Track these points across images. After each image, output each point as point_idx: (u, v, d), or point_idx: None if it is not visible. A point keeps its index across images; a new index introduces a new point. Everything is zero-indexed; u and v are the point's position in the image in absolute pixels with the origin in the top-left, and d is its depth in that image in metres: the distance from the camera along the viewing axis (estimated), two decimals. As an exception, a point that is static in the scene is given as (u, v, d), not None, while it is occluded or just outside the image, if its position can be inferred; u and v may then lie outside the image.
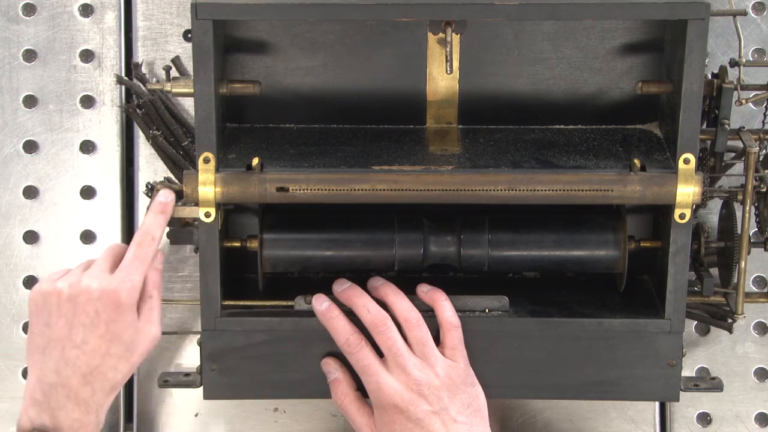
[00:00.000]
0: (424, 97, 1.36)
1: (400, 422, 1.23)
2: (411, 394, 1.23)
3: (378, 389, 1.24)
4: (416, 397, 1.23)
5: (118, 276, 1.21)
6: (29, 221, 1.44)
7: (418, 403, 1.23)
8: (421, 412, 1.23)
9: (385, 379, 1.24)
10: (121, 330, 1.21)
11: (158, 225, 1.26)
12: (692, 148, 1.24)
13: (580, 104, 1.36)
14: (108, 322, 1.20)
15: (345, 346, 1.26)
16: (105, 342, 1.20)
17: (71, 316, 1.20)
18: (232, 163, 1.27)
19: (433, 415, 1.23)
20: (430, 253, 1.33)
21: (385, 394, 1.24)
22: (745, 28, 1.36)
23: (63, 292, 1.21)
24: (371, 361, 1.25)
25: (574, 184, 1.24)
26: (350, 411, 1.27)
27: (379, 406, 1.25)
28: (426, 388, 1.23)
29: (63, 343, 1.20)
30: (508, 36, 1.33)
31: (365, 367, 1.25)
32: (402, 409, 1.23)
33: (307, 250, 1.33)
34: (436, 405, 1.23)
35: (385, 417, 1.24)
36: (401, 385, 1.24)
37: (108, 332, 1.20)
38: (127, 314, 1.21)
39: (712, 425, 1.45)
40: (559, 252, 1.33)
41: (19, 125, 1.43)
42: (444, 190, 1.25)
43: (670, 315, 1.29)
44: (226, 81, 1.31)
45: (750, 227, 1.31)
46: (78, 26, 1.42)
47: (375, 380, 1.24)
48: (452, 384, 1.25)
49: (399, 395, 1.23)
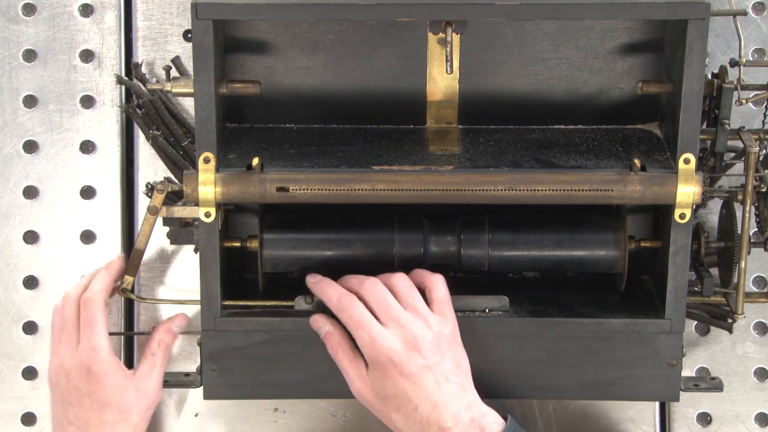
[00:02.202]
0: (424, 97, 1.36)
1: (393, 377, 1.22)
2: (406, 347, 1.22)
3: (372, 343, 1.22)
4: (411, 351, 1.22)
5: (81, 347, 1.28)
6: (29, 221, 1.44)
7: (413, 356, 1.22)
8: (415, 366, 1.21)
9: (379, 331, 1.23)
10: (107, 396, 1.27)
11: (100, 284, 1.31)
12: (692, 148, 1.24)
13: (580, 104, 1.36)
14: (90, 394, 1.27)
15: (338, 304, 1.25)
16: (95, 412, 1.27)
17: (60, 398, 1.30)
18: (232, 163, 1.27)
19: (426, 371, 1.22)
20: (430, 253, 1.33)
21: (379, 347, 1.22)
22: (745, 28, 1.36)
23: (51, 379, 1.31)
24: (364, 315, 1.24)
25: (574, 184, 1.24)
26: (343, 363, 1.26)
27: (373, 360, 1.23)
28: (421, 341, 1.22)
29: (62, 424, 1.30)
30: (508, 36, 1.34)
31: (358, 321, 1.23)
32: (396, 362, 1.21)
33: (307, 250, 1.33)
34: (431, 359, 1.22)
35: (378, 372, 1.22)
36: (396, 338, 1.22)
37: (94, 403, 1.27)
38: (105, 379, 1.27)
39: (712, 425, 1.45)
40: (559, 252, 1.33)
41: (19, 125, 1.43)
42: (444, 190, 1.25)
43: (670, 315, 1.29)
44: (226, 81, 1.31)
45: (750, 227, 1.31)
46: (78, 26, 1.42)
47: (368, 333, 1.23)
48: (444, 339, 1.24)
49: (394, 348, 1.22)
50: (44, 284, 1.44)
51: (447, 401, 1.22)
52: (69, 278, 1.43)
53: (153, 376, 1.31)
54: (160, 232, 1.31)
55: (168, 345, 1.33)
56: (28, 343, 1.44)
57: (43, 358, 1.44)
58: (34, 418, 1.45)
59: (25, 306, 1.44)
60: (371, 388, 1.24)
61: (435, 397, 1.22)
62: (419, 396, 1.21)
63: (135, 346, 1.44)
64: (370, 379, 1.24)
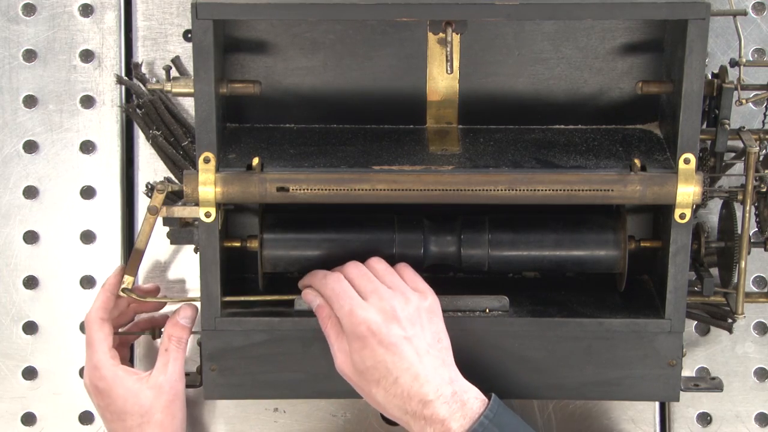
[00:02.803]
0: (424, 97, 1.36)
1: (372, 347, 1.21)
2: (384, 317, 1.21)
3: (351, 312, 1.22)
4: (390, 321, 1.21)
5: (86, 368, 1.33)
6: (29, 221, 1.44)
7: (392, 326, 1.21)
8: (395, 336, 1.21)
9: (358, 302, 1.23)
10: (122, 405, 1.30)
11: (96, 303, 1.33)
12: (692, 148, 1.24)
13: (581, 104, 1.36)
14: (107, 407, 1.31)
15: (321, 279, 1.26)
16: (117, 422, 1.31)
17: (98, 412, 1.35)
18: (232, 163, 1.27)
19: (405, 341, 1.21)
20: (430, 253, 1.33)
21: (357, 316, 1.22)
22: (745, 28, 1.36)
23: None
24: (345, 288, 1.24)
25: (574, 184, 1.24)
26: (331, 336, 1.25)
27: (351, 331, 1.22)
28: (400, 312, 1.22)
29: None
30: (508, 36, 1.34)
31: (339, 293, 1.23)
32: (375, 331, 1.21)
33: (307, 250, 1.33)
34: (410, 330, 1.22)
35: (357, 342, 1.22)
36: (375, 309, 1.22)
37: (113, 414, 1.31)
38: (113, 392, 1.30)
39: (712, 425, 1.45)
40: (559, 252, 1.33)
41: (19, 125, 1.43)
42: (444, 190, 1.25)
43: (670, 315, 1.29)
44: (226, 81, 1.31)
45: (750, 227, 1.31)
46: (78, 26, 1.42)
47: (348, 304, 1.23)
48: (424, 312, 1.24)
49: (373, 318, 1.22)
50: (44, 284, 1.44)
51: (428, 374, 1.21)
52: (69, 278, 1.43)
53: (167, 372, 1.31)
54: (160, 232, 1.31)
55: (179, 338, 1.33)
56: (28, 343, 1.44)
57: (43, 358, 1.44)
58: (34, 418, 1.45)
59: (25, 306, 1.44)
60: (351, 363, 1.23)
61: (415, 368, 1.21)
62: (399, 367, 1.20)
63: (135, 346, 1.44)
64: (350, 352, 1.23)
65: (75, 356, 1.44)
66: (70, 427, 1.45)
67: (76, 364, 1.44)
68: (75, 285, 1.44)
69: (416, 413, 1.20)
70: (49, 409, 1.45)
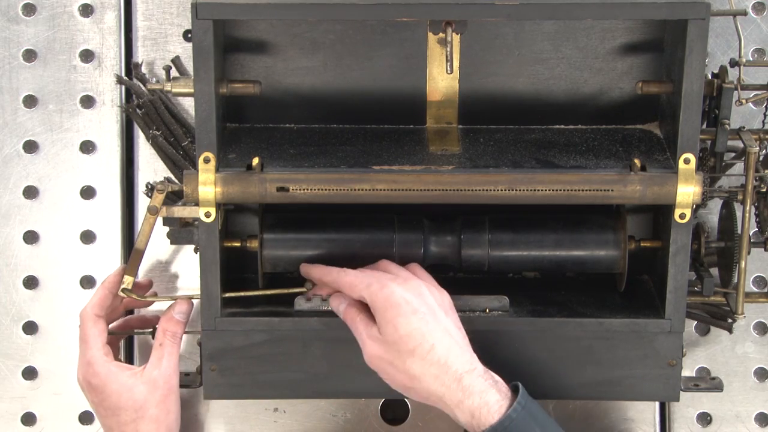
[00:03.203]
0: (424, 97, 1.36)
1: (407, 315, 1.20)
2: (415, 296, 1.22)
3: (383, 287, 1.22)
4: (418, 297, 1.22)
5: (79, 364, 1.33)
6: (29, 221, 1.44)
7: (422, 302, 1.21)
8: (426, 308, 1.21)
9: (389, 278, 1.23)
10: (116, 400, 1.30)
11: (92, 299, 1.33)
12: (692, 148, 1.24)
13: (580, 104, 1.36)
14: (101, 403, 1.31)
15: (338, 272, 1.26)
16: (112, 418, 1.31)
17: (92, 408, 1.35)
18: (232, 163, 1.27)
19: (434, 317, 1.21)
20: (430, 253, 1.33)
21: (390, 288, 1.21)
22: (745, 28, 1.36)
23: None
24: (370, 272, 1.25)
25: (574, 184, 1.24)
26: (359, 327, 1.24)
27: (384, 303, 1.21)
28: (426, 298, 1.22)
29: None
30: (508, 36, 1.34)
31: (367, 275, 1.24)
32: (408, 300, 1.21)
33: (307, 250, 1.33)
34: (438, 311, 1.22)
35: (391, 311, 1.20)
36: (403, 286, 1.22)
37: (107, 410, 1.31)
38: (107, 387, 1.30)
39: (712, 425, 1.45)
40: (559, 252, 1.33)
41: (19, 125, 1.43)
42: (444, 190, 1.25)
43: (670, 315, 1.29)
44: (226, 81, 1.31)
45: (750, 227, 1.31)
46: (78, 26, 1.42)
47: (378, 281, 1.22)
48: (446, 302, 1.25)
49: (406, 293, 1.21)
50: (44, 284, 1.44)
51: (460, 348, 1.21)
52: (69, 278, 1.43)
53: (161, 366, 1.31)
54: (160, 232, 1.31)
55: (174, 333, 1.33)
56: (28, 343, 1.44)
57: (43, 358, 1.44)
58: (34, 418, 1.45)
59: (25, 306, 1.44)
60: (383, 339, 1.21)
61: (449, 339, 1.21)
62: (434, 334, 1.20)
63: (135, 345, 1.44)
64: (382, 328, 1.21)
65: (75, 356, 1.43)
66: (70, 427, 1.45)
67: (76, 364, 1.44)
68: (75, 285, 1.44)
69: (452, 384, 1.19)
70: (49, 409, 1.45)
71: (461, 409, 1.19)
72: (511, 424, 1.17)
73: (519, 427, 1.17)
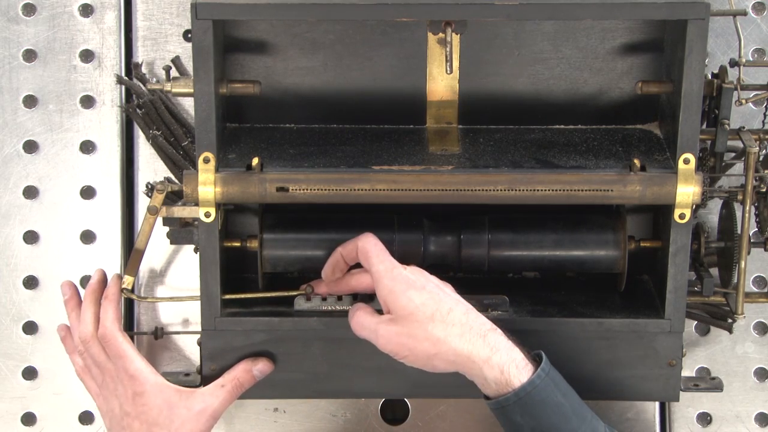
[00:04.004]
0: (424, 97, 1.36)
1: (418, 286, 1.20)
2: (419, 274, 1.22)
3: (393, 267, 1.22)
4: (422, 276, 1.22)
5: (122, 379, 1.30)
6: (29, 221, 1.44)
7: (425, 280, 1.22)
8: (437, 287, 1.22)
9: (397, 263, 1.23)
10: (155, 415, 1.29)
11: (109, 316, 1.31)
12: (692, 148, 1.24)
13: (580, 104, 1.36)
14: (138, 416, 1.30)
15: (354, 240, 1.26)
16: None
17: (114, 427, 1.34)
18: (232, 163, 1.27)
19: (448, 295, 1.21)
20: (430, 253, 1.33)
21: (399, 269, 1.21)
22: (745, 28, 1.36)
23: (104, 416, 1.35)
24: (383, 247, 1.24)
25: (574, 184, 1.24)
26: (364, 320, 1.22)
27: (393, 281, 1.21)
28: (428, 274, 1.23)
29: None
30: (508, 36, 1.34)
31: (381, 251, 1.23)
32: (418, 276, 1.21)
33: (307, 250, 1.33)
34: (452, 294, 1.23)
35: (401, 285, 1.20)
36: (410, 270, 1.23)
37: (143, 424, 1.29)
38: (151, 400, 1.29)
39: (712, 425, 1.45)
40: (559, 252, 1.33)
41: (19, 125, 1.43)
42: (444, 190, 1.25)
43: (670, 315, 1.29)
44: (226, 81, 1.31)
45: (750, 227, 1.31)
46: (78, 26, 1.42)
47: (389, 261, 1.22)
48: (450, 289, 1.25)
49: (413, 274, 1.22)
50: (44, 284, 1.44)
51: (476, 312, 1.21)
52: (69, 278, 1.43)
53: (208, 403, 1.29)
54: (160, 232, 1.32)
55: (241, 384, 1.30)
56: (28, 343, 1.44)
57: (43, 358, 1.44)
58: (34, 418, 1.45)
59: (25, 306, 1.44)
60: (397, 316, 1.20)
61: (463, 305, 1.21)
62: (448, 300, 1.20)
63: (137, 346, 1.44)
64: (393, 306, 1.20)
65: (75, 356, 1.44)
66: (70, 427, 1.45)
67: (76, 364, 1.44)
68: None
69: (478, 341, 1.18)
70: (49, 409, 1.45)
71: (490, 365, 1.18)
72: (534, 390, 1.17)
73: (542, 393, 1.17)
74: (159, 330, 1.39)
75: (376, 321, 1.22)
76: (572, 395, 1.20)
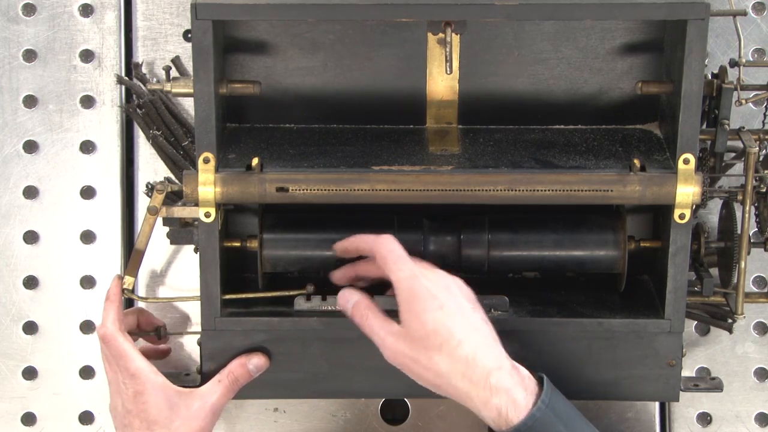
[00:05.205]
0: (424, 97, 1.36)
1: (433, 310, 1.18)
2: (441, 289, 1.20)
3: (413, 277, 1.20)
4: (446, 291, 1.21)
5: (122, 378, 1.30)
6: (29, 221, 1.44)
7: (449, 297, 1.20)
8: (453, 304, 1.19)
9: (419, 270, 1.21)
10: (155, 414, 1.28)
11: (110, 317, 1.31)
12: (692, 148, 1.24)
13: (580, 104, 1.36)
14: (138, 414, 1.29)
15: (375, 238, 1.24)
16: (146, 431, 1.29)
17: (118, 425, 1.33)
18: (232, 163, 1.27)
19: (460, 313, 1.19)
20: (430, 253, 1.33)
21: (419, 279, 1.19)
22: (745, 28, 1.36)
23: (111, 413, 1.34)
24: (404, 252, 1.22)
25: (574, 184, 1.25)
26: (374, 325, 1.21)
27: (411, 294, 1.19)
28: (453, 289, 1.21)
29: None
30: (508, 36, 1.34)
31: (400, 256, 1.21)
32: (435, 295, 1.19)
33: (307, 250, 1.33)
34: (465, 306, 1.21)
35: (418, 305, 1.18)
36: (431, 280, 1.21)
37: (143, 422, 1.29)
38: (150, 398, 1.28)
39: (712, 425, 1.45)
40: (559, 252, 1.33)
41: (19, 125, 1.43)
42: (444, 190, 1.25)
43: (670, 315, 1.29)
44: (226, 81, 1.31)
45: (750, 227, 1.31)
46: (78, 26, 1.42)
47: (409, 268, 1.20)
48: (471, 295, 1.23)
49: (432, 285, 1.20)
50: (44, 284, 1.44)
51: (487, 344, 1.19)
52: (69, 278, 1.43)
53: (206, 399, 1.29)
54: (160, 232, 1.32)
55: (237, 379, 1.30)
56: (28, 343, 1.44)
57: (43, 358, 1.44)
58: (34, 418, 1.45)
59: (25, 306, 1.44)
60: (407, 335, 1.18)
61: (477, 335, 1.19)
62: (462, 330, 1.18)
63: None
64: (407, 323, 1.19)
65: (75, 356, 1.44)
66: (70, 427, 1.45)
67: (76, 364, 1.44)
68: (75, 285, 1.44)
69: (480, 382, 1.17)
70: (49, 409, 1.45)
71: (488, 408, 1.17)
72: (534, 423, 1.16)
73: (543, 425, 1.16)
74: (160, 329, 1.39)
75: (386, 331, 1.21)
76: (575, 422, 1.19)
